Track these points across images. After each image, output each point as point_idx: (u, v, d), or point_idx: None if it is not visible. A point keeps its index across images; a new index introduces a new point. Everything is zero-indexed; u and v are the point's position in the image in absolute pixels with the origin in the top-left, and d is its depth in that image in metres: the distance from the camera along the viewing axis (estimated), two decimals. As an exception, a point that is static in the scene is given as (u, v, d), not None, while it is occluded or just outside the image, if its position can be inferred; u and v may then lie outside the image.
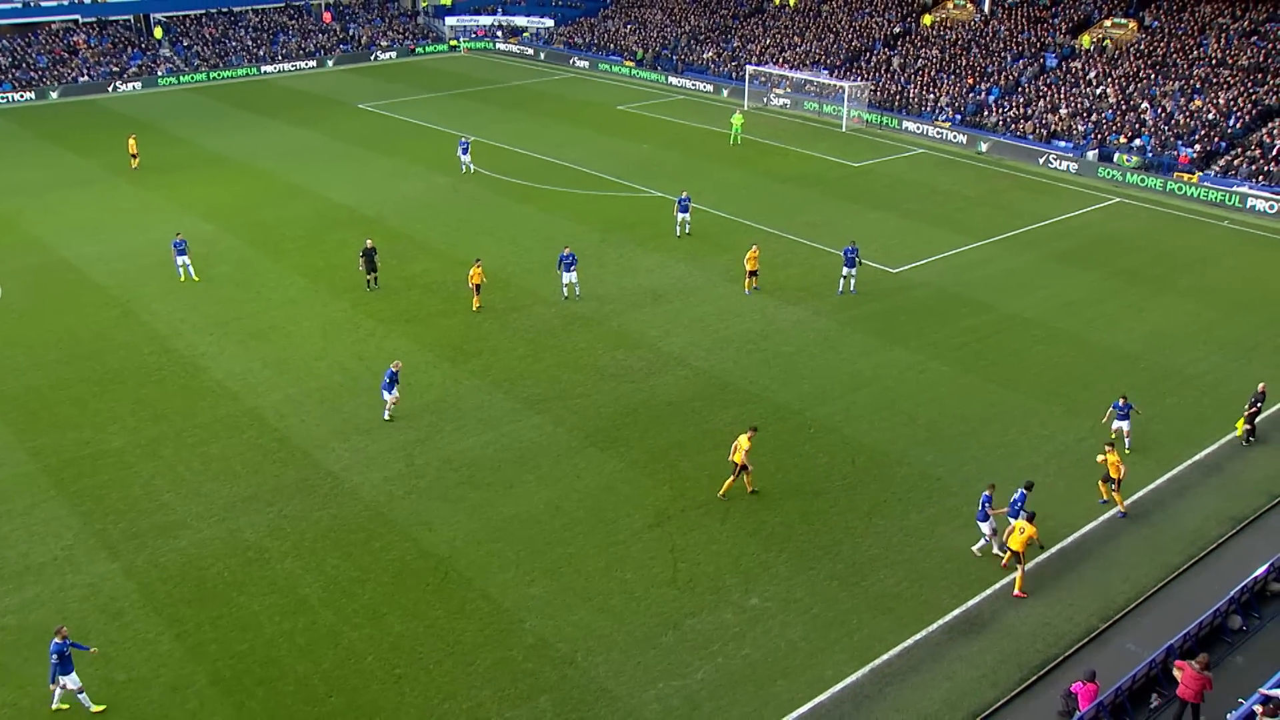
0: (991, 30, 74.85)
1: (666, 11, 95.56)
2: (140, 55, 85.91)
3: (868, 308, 37.84)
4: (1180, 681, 18.78)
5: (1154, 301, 39.24)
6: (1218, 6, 68.09)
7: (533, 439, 28.80)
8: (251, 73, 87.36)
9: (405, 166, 56.53)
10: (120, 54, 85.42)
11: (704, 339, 35.15)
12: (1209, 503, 26.36)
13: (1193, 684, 18.60)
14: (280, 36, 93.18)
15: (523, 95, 78.33)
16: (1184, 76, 62.71)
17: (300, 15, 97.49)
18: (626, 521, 25.16)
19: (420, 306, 37.50)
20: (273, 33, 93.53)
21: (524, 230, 45.65)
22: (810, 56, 78.74)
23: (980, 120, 65.39)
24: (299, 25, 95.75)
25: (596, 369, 32.92)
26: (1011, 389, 32.00)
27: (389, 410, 29.69)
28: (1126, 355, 34.42)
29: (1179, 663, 19.08)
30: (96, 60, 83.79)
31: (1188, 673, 18.72)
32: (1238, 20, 66.24)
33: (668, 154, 60.12)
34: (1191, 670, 18.68)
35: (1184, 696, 18.75)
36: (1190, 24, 67.70)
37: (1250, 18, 66.01)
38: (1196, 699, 18.67)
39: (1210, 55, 63.89)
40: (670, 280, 40.32)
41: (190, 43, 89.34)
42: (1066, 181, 56.66)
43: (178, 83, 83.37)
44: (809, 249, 43.87)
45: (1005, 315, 37.58)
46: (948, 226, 47.20)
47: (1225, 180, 53.70)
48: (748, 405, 30.64)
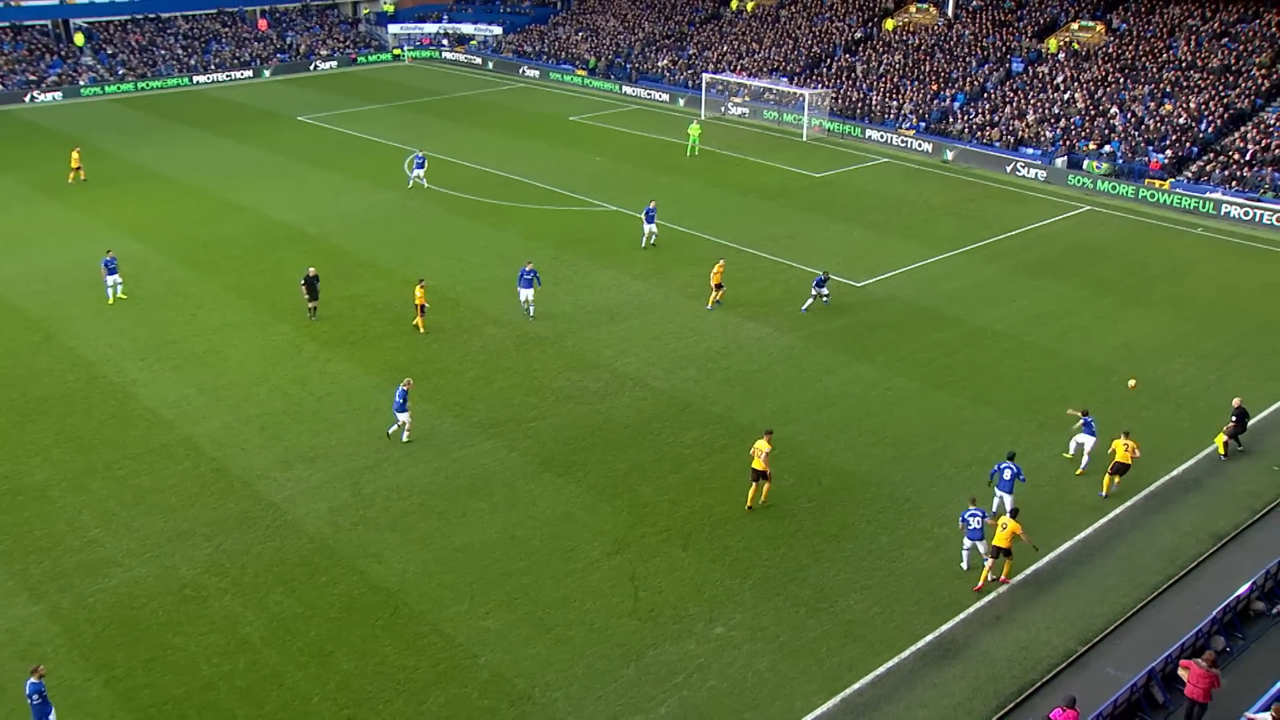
0: (955, 34, 75.91)
1: (619, 18, 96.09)
2: (60, 63, 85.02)
3: (832, 323, 38.14)
4: (1188, 681, 19.11)
5: (1127, 312, 39.87)
6: (1187, 8, 69.50)
7: (486, 465, 28.76)
8: (182, 83, 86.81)
9: (348, 182, 56.38)
10: (38, 62, 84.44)
11: (662, 358, 35.27)
12: (1188, 519, 26.76)
13: (1201, 682, 18.93)
14: (213, 45, 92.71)
15: (470, 106, 78.39)
16: (1154, 80, 63.91)
17: (234, 22, 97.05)
18: (585, 549, 25.16)
19: (366, 328, 37.37)
20: (204, 41, 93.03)
21: (473, 247, 45.65)
22: (769, 64, 79.44)
23: (945, 128, 66.24)
24: (233, 33, 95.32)
25: (551, 391, 32.93)
26: (982, 404, 32.36)
27: (407, 433, 29.76)
28: (1100, 368, 34.92)
29: (1185, 662, 19.43)
30: (11, 68, 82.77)
31: (1195, 671, 19.06)
32: (1208, 22, 67.65)
33: (622, 166, 60.37)
34: (1199, 669, 19.03)
35: (1192, 696, 19.11)
36: (1159, 26, 69.04)
37: (1220, 19, 67.43)
38: (1205, 698, 19.00)
39: (1180, 58, 65.18)
40: (627, 297, 40.45)
41: (115, 50, 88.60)
42: (1035, 190, 57.49)
43: (102, 93, 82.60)
44: (770, 263, 44.19)
45: (974, 328, 38.02)
46: (914, 238, 47.72)
47: (1198, 186, 54.72)
48: (709, 426, 30.78)
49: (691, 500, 27.14)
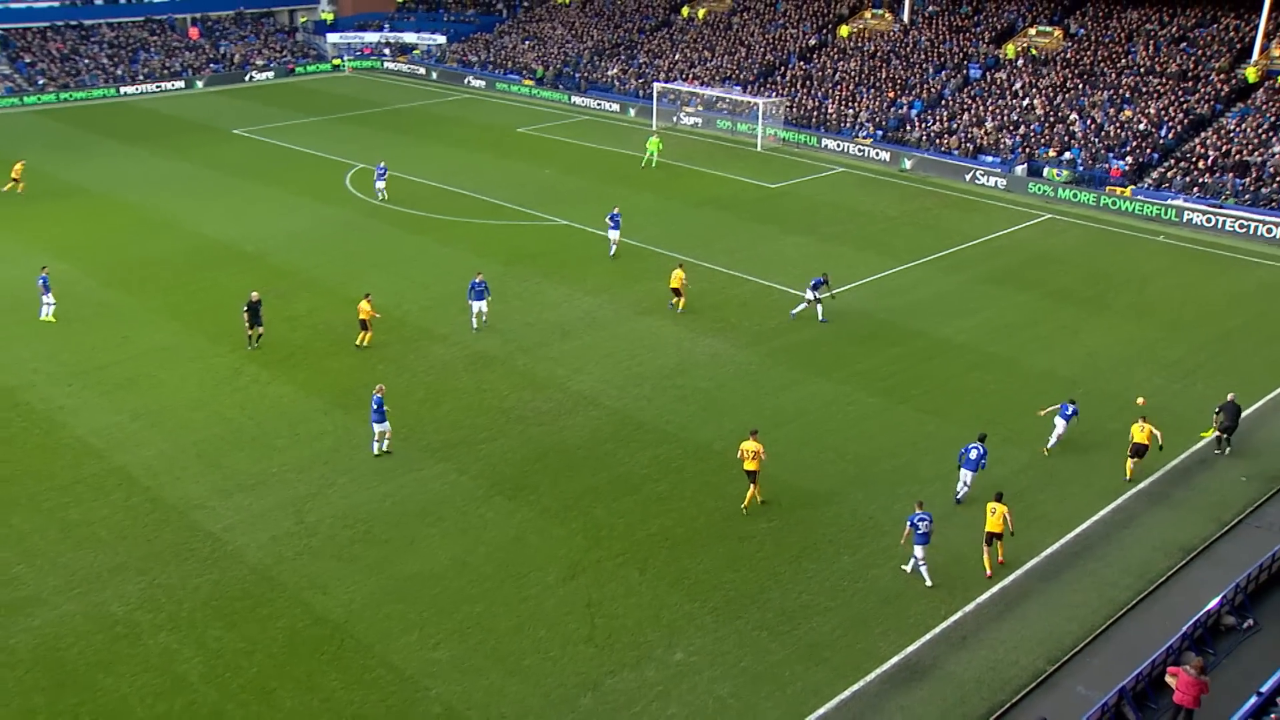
0: (912, 41, 76.79)
1: (567, 26, 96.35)
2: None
3: (790, 338, 38.34)
4: (1176, 688, 19.39)
5: (1091, 322, 40.38)
6: (1145, 12, 70.78)
7: (435, 489, 28.60)
8: (109, 94, 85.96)
9: (288, 197, 56.03)
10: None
11: (616, 376, 35.29)
12: (1156, 533, 27.08)
13: (1189, 689, 19.23)
14: (141, 54, 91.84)
15: (414, 118, 78.23)
16: (1113, 86, 64.97)
17: (163, 31, 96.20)
18: (538, 575, 25.07)
19: (308, 349, 37.09)
20: (132, 49, 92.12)
21: (419, 264, 45.49)
22: (722, 72, 79.94)
23: (902, 136, 66.93)
24: (162, 42, 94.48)
25: (502, 411, 32.84)
26: (945, 419, 32.62)
27: (386, 442, 30.09)
28: (1064, 379, 35.31)
29: (1173, 669, 19.72)
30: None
31: (1183, 678, 19.38)
32: (1165, 26, 68.92)
33: (572, 179, 60.45)
34: (1187, 675, 19.32)
35: (1181, 703, 19.42)
36: (1117, 31, 70.25)
37: (1179, 23, 68.72)
38: (1194, 704, 19.26)
39: (1139, 63, 66.32)
40: (579, 314, 40.45)
41: (35, 59, 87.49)
42: (995, 198, 58.18)
43: (21, 104, 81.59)
44: (725, 277, 44.37)
45: (936, 341, 38.36)
46: (872, 249, 48.12)
47: (1159, 193, 55.63)
48: (665, 446, 30.81)
49: (648, 522, 27.13)
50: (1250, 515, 27.76)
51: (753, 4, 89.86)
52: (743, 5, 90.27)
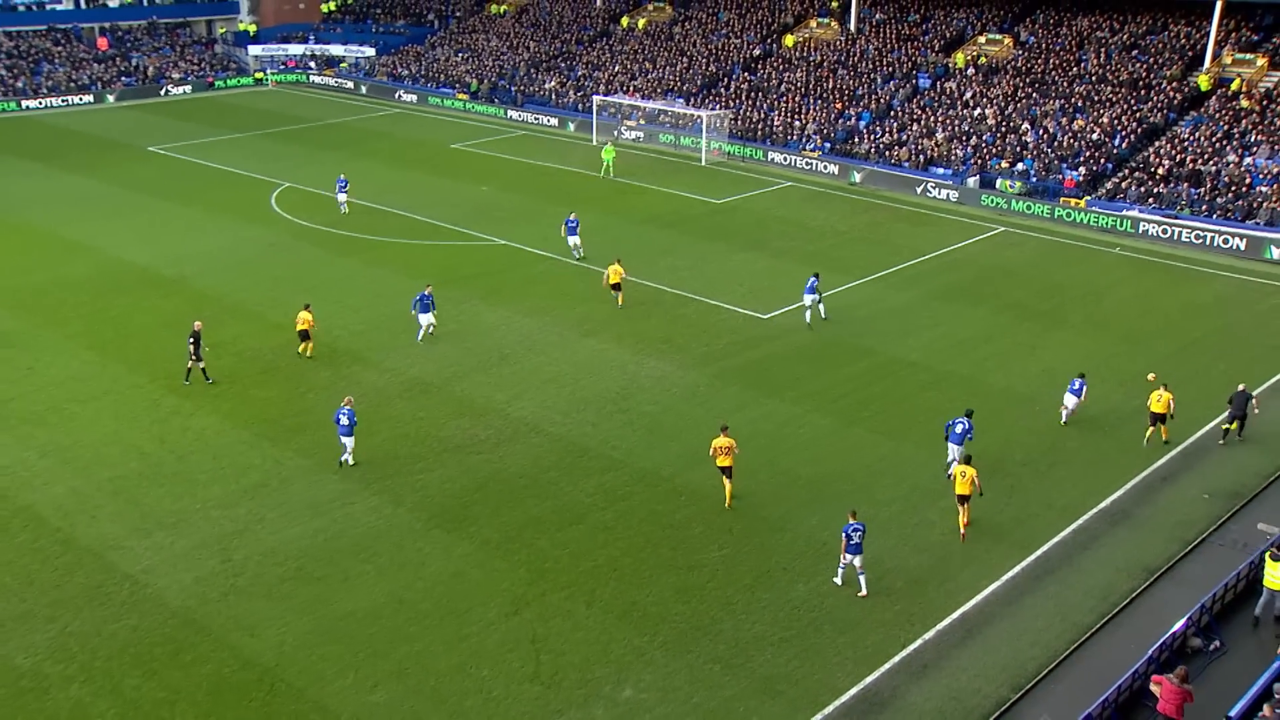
0: (859, 50, 77.63)
1: (502, 37, 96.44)
2: None
3: (739, 358, 38.47)
4: (1160, 697, 19.75)
5: (1048, 337, 40.89)
6: (1095, 20, 72.10)
7: (370, 523, 28.33)
8: (8, 108, 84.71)
9: (208, 218, 55.46)
10: None
11: (558, 401, 35.21)
12: (1118, 553, 27.38)
13: (1173, 698, 19.55)
14: (44, 65, 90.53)
15: (343, 134, 77.85)
16: (1065, 95, 66.05)
17: (68, 41, 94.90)
18: (480, 611, 24.88)
19: (233, 378, 36.65)
20: (34, 60, 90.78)
21: (349, 287, 45.16)
22: (663, 84, 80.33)
23: (851, 148, 67.58)
24: (67, 53, 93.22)
25: (439, 440, 32.64)
26: (901, 440, 32.84)
27: (350, 455, 30.91)
28: (1022, 396, 35.72)
29: (1156, 678, 20.04)
30: None
31: (1167, 687, 19.70)
32: (1116, 34, 70.23)
33: (510, 196, 60.40)
34: (1171, 685, 19.63)
35: (1165, 712, 19.71)
36: (1068, 39, 71.47)
37: (1130, 31, 70.06)
38: (1178, 714, 19.52)
39: (1090, 71, 67.49)
40: (518, 337, 40.35)
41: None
42: (947, 211, 58.86)
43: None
44: (671, 296, 44.48)
45: (889, 359, 38.65)
46: (822, 265, 48.34)
47: (1114, 204, 56.56)
48: (611, 473, 30.75)
49: (594, 553, 27.03)
50: (1214, 533, 28.16)
51: (694, 13, 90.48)
52: (684, 15, 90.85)
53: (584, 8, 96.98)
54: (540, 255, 49.54)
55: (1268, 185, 54.72)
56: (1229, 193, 55.06)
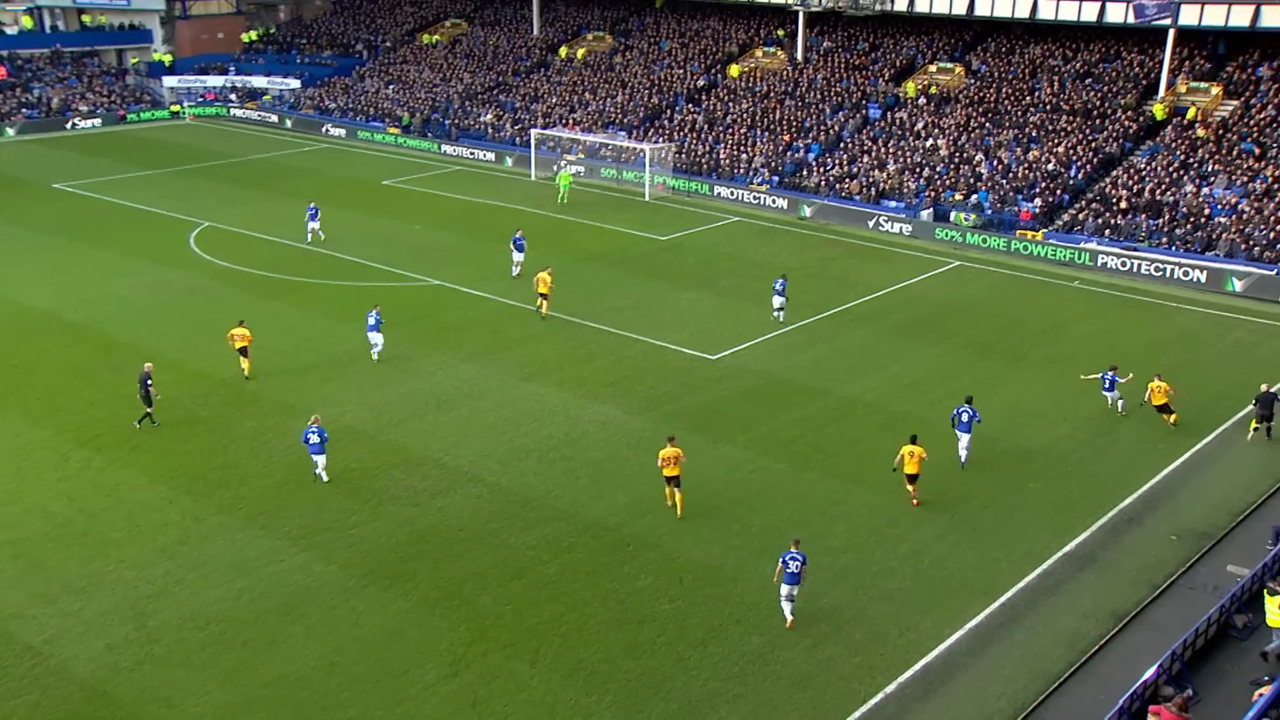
0: (806, 80, 78.52)
1: (435, 69, 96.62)
2: None
3: (686, 401, 38.50)
4: None
5: (1007, 375, 41.32)
6: (1048, 48, 73.47)
7: (299, 582, 27.95)
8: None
9: (121, 260, 54.86)
10: None
11: (498, 449, 35.04)
12: (1086, 599, 27.55)
13: None
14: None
15: (266, 171, 77.48)
16: (1019, 125, 67.15)
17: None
18: (418, 673, 24.59)
19: (149, 430, 36.15)
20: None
21: (275, 331, 44.73)
22: (604, 116, 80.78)
23: (801, 181, 68.20)
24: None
25: (373, 492, 32.34)
26: (856, 484, 32.96)
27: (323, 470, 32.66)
28: (982, 437, 35.88)
29: (1154, 708, 20.11)
30: None
31: (1165, 716, 19.79)
32: (1069, 62, 71.60)
33: (445, 235, 60.32)
34: (1169, 713, 19.74)
35: None
36: (1020, 67, 72.76)
37: (1083, 59, 71.44)
38: None
39: (1044, 100, 68.70)
40: (455, 382, 40.17)
41: None
42: (901, 245, 59.46)
43: None
44: (614, 338, 44.50)
45: (843, 400, 38.85)
46: (771, 303, 48.66)
47: (1071, 236, 57.43)
48: (554, 524, 30.59)
49: (538, 609, 26.83)
50: (1183, 576, 28.42)
51: (635, 43, 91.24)
52: (624, 45, 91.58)
53: (520, 38, 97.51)
54: (477, 296, 49.44)
55: (1226, 216, 55.83)
56: (1188, 224, 56.09)
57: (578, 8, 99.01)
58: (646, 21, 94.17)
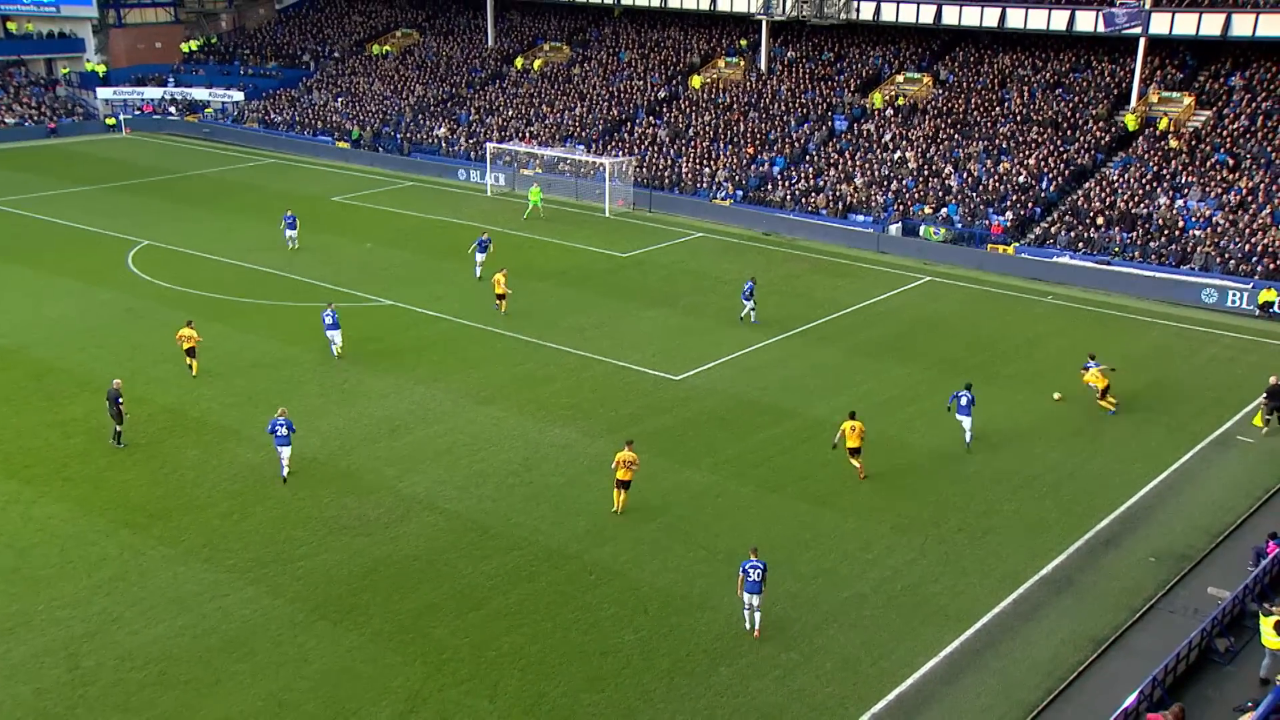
0: (770, 91, 78.94)
1: (385, 80, 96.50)
2: None
3: (650, 423, 38.48)
4: None
5: (980, 393, 41.34)
6: (1017, 57, 74.17)
7: (244, 617, 27.68)
8: None
9: (53, 280, 54.31)
10: None
11: (454, 475, 34.89)
12: (1063, 624, 27.66)
13: None
14: None
15: (208, 187, 77.06)
16: (988, 136, 67.70)
17: None
18: (371, 711, 24.39)
19: (86, 458, 35.75)
20: None
21: (218, 355, 44.40)
22: (562, 130, 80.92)
23: (765, 196, 68.49)
24: None
25: (322, 522, 32.10)
26: (826, 506, 33.00)
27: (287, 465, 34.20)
28: (953, 457, 36.14)
29: (1151, 715, 20.25)
30: None
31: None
32: (1040, 71, 72.29)
33: (397, 253, 60.13)
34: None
35: None
36: (989, 77, 73.39)
37: (1053, 68, 72.14)
38: None
39: (1014, 111, 69.32)
40: (408, 406, 40.00)
41: None
42: (869, 261, 59.77)
43: None
44: (575, 358, 44.46)
45: (811, 421, 38.92)
46: (736, 322, 48.81)
47: (1043, 250, 57.91)
48: (513, 552, 30.47)
49: (497, 641, 26.69)
50: (1162, 599, 28.63)
51: (594, 54, 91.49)
52: (583, 55, 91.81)
53: (474, 49, 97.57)
54: (431, 316, 49.28)
55: (1200, 228, 56.46)
56: (1161, 236, 56.68)
57: (533, 17, 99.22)
58: (605, 32, 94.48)
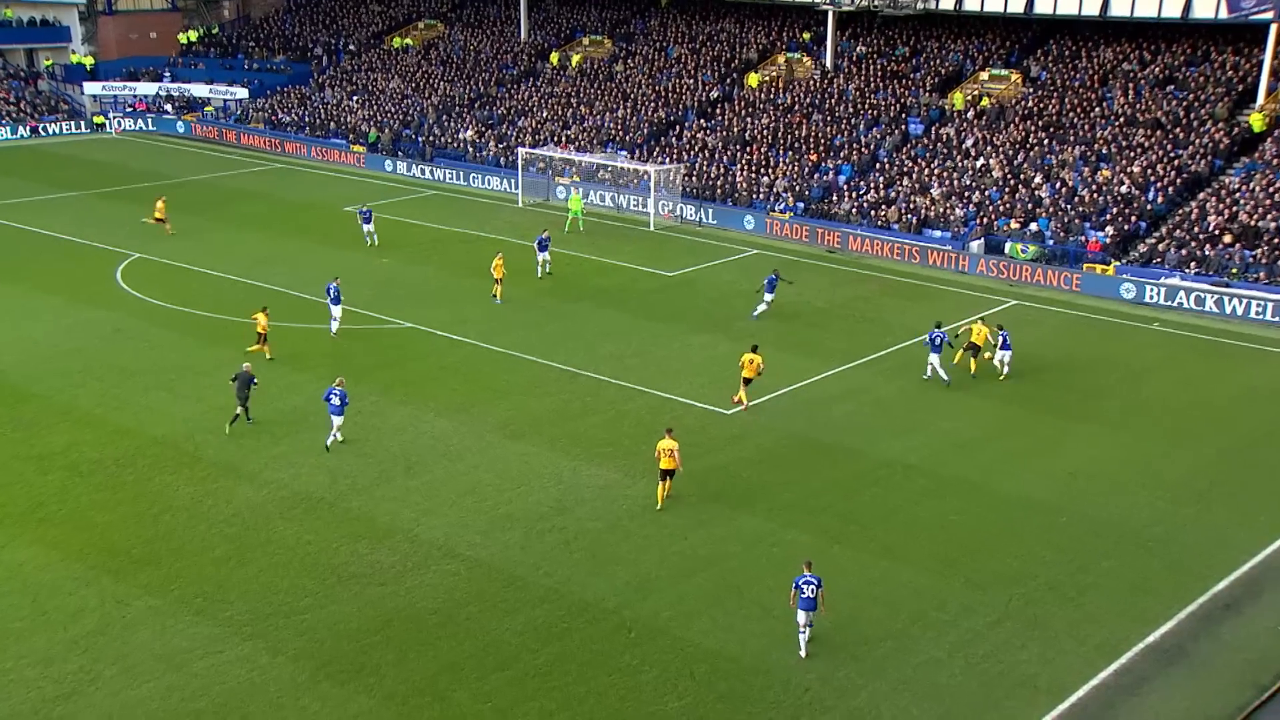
0: (837, 91, 78.95)
1: (405, 77, 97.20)
2: None
3: (698, 463, 38.43)
4: None
5: (1073, 433, 41.25)
6: (1121, 49, 73.68)
7: (240, 677, 27.85)
8: None
9: (33, 297, 54.97)
10: None
11: (478, 519, 35.00)
12: (1174, 702, 27.22)
13: None
14: None
15: (208, 194, 77.79)
16: (1086, 140, 67.33)
17: None
18: (380, 785, 24.51)
19: (65, 497, 36.06)
20: None
21: (216, 383, 44.66)
22: (603, 134, 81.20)
23: (830, 208, 68.40)
24: None
25: (330, 570, 32.25)
26: (895, 560, 32.83)
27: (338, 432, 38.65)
28: (1043, 506, 35.85)
29: None
30: None
31: None
32: (1148, 66, 71.81)
33: (417, 270, 60.47)
34: None
35: None
36: (1089, 73, 73.00)
37: (1163, 62, 71.58)
38: None
39: (1117, 112, 68.90)
40: (428, 440, 40.18)
41: None
42: (946, 282, 59.59)
43: None
44: (614, 389, 44.56)
45: (879, 462, 38.81)
46: (796, 349, 48.76)
47: (1149, 270, 57.47)
48: (543, 606, 30.50)
49: (524, 707, 26.74)
50: (1292, 675, 28.21)
51: (639, 49, 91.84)
52: (626, 50, 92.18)
53: (505, 42, 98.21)
54: (455, 341, 49.52)
55: (1333, 246, 55.93)
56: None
57: (572, 8, 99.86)
58: (651, 24, 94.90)
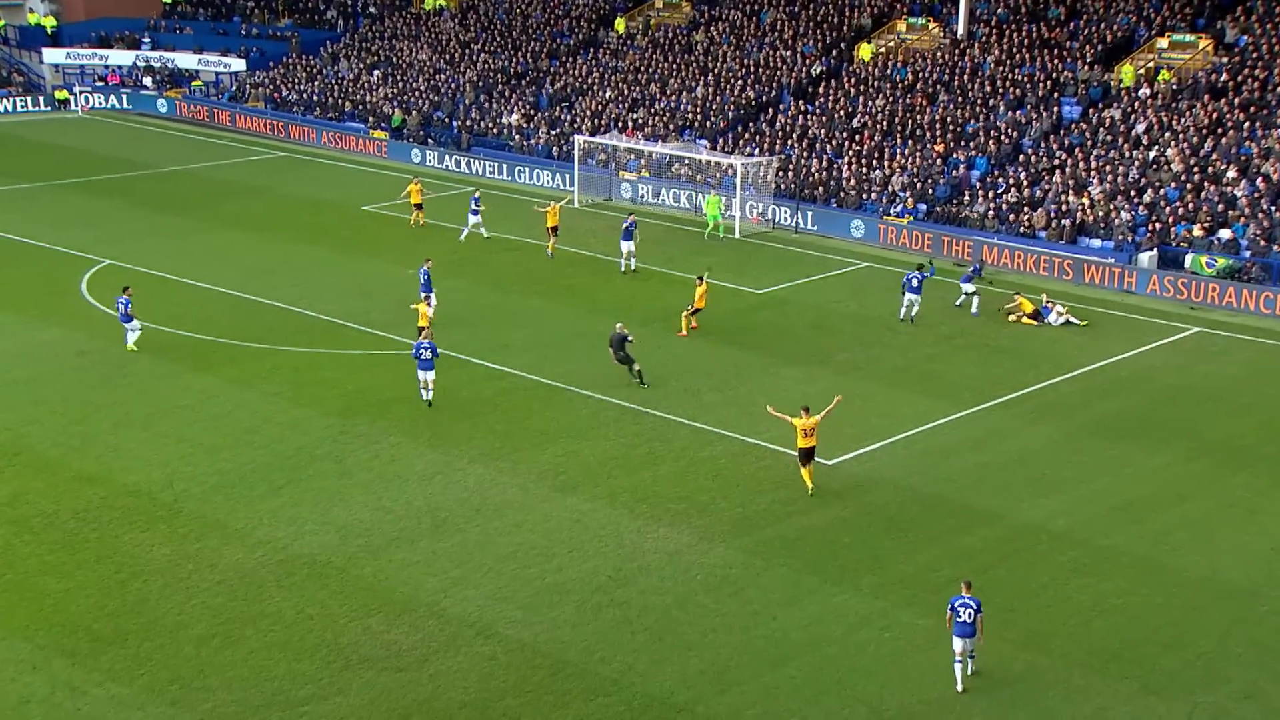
0: (971, 64, 78.34)
1: (437, 48, 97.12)
2: None
3: (790, 525, 38.43)
4: None
5: (1273, 496, 40.77)
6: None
7: (224, 780, 28.18)
8: None
9: (-16, 314, 55.78)
10: None
11: (520, 590, 35.09)
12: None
13: None
14: None
15: (196, 187, 78.51)
16: (1295, 125, 66.30)
17: None
18: None
19: (9, 558, 36.28)
20: None
21: (198, 419, 45.13)
22: (679, 118, 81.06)
23: (959, 211, 68.04)
24: None
25: (337, 651, 32.43)
26: (1040, 651, 32.62)
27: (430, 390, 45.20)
28: (1235, 590, 35.40)
29: None
30: None
31: None
32: (1381, 25, 70.45)
33: (448, 282, 60.69)
34: None
35: None
36: (1302, 38, 71.54)
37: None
38: None
39: (1335, 86, 67.73)
40: (461, 493, 40.35)
41: None
42: (1107, 304, 59.23)
43: None
44: (688, 432, 44.58)
45: (1019, 527, 38.65)
46: (914, 386, 48.67)
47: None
48: (600, 699, 30.53)
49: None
50: None
51: (724, 13, 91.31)
52: (709, 15, 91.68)
53: (559, 5, 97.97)
54: (494, 370, 49.75)
55: None
56: None
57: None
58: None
